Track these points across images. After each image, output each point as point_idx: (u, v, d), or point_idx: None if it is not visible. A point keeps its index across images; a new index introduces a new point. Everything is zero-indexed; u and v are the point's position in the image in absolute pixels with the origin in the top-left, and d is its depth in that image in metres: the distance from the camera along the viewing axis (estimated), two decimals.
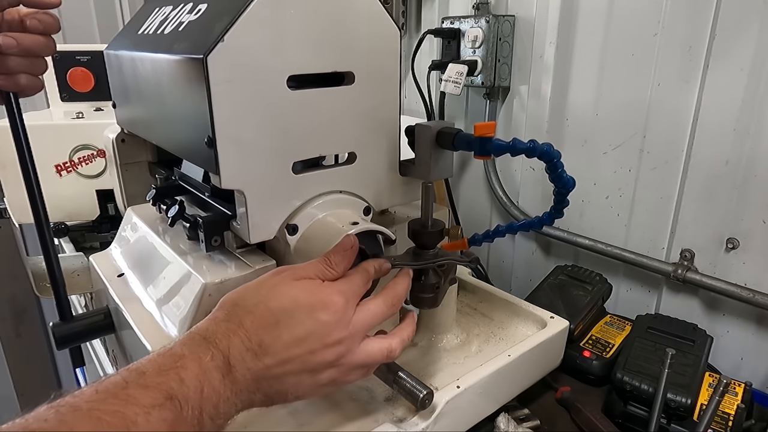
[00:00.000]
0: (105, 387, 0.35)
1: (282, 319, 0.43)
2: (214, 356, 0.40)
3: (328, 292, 0.46)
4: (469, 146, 0.58)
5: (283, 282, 0.46)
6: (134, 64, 0.68)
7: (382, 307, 0.49)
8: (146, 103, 0.69)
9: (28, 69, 0.59)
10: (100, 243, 1.18)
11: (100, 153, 1.09)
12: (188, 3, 0.62)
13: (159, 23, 0.66)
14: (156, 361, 0.38)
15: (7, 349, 1.97)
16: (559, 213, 0.62)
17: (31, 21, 0.56)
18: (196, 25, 0.56)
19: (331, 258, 0.49)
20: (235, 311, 0.44)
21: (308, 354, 0.44)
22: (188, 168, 0.73)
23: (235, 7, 0.50)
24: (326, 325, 0.44)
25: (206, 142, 0.52)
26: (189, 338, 0.41)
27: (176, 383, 0.37)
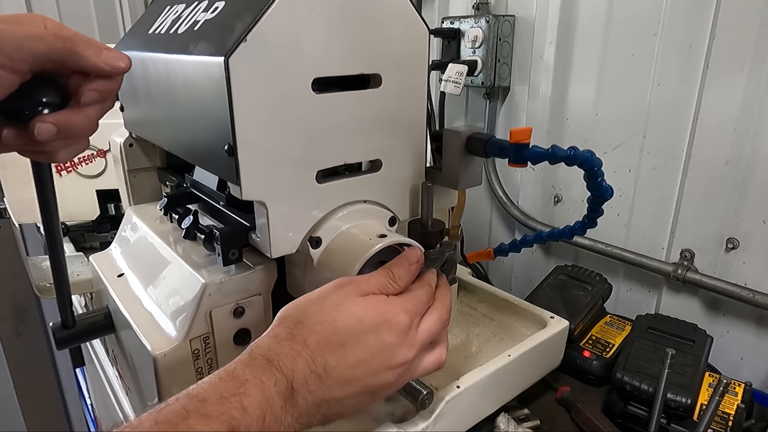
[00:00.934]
0: (165, 417, 0.34)
1: (348, 341, 0.42)
2: (278, 381, 0.38)
3: (394, 312, 0.44)
4: (503, 153, 0.55)
5: (348, 298, 0.44)
6: (145, 65, 0.64)
7: (438, 324, 0.48)
8: (158, 106, 0.66)
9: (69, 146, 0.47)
10: (100, 243, 1.18)
11: (100, 153, 1.09)
12: (203, 1, 0.59)
13: (171, 22, 0.63)
14: (217, 387, 0.36)
15: (7, 349, 1.97)
16: (593, 222, 0.59)
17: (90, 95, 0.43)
18: (214, 24, 0.53)
19: (395, 271, 0.47)
20: (299, 330, 0.41)
21: (371, 376, 0.43)
22: (201, 175, 0.70)
23: (258, 5, 0.47)
24: (390, 348, 0.43)
25: (226, 150, 0.48)
26: (251, 359, 0.39)
27: (239, 413, 0.35)
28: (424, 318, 0.47)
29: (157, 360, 0.54)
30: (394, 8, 0.54)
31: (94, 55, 0.42)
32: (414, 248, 0.49)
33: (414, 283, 0.49)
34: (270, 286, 0.59)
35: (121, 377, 0.77)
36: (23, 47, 0.39)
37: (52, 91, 0.42)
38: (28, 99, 0.41)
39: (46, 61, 0.41)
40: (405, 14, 0.55)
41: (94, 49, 0.42)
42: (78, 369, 1.38)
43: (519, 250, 0.65)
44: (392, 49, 0.55)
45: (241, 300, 0.57)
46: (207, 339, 0.56)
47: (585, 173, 0.54)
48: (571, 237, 0.64)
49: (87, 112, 0.44)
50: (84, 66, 0.42)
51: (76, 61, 0.41)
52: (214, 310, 0.56)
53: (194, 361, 0.56)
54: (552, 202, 1.05)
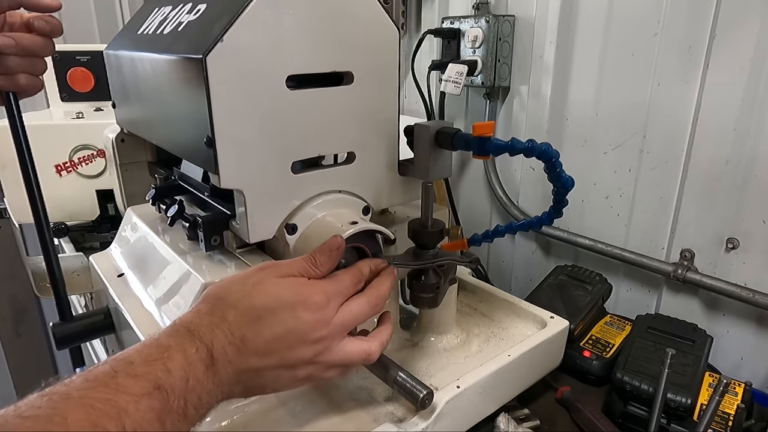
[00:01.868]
0: (94, 376, 0.36)
1: (264, 316, 0.44)
2: (199, 348, 0.40)
3: (311, 291, 0.46)
4: (468, 146, 0.58)
5: (267, 279, 0.46)
6: (134, 64, 0.68)
7: (365, 307, 0.49)
8: (146, 103, 0.69)
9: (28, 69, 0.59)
10: (100, 243, 1.19)
11: (100, 153, 1.09)
12: (188, 3, 0.62)
13: (158, 23, 0.66)
14: (143, 352, 0.39)
15: (7, 349, 1.97)
16: (558, 213, 0.62)
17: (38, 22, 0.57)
18: (196, 25, 0.56)
19: (317, 257, 0.49)
20: (219, 305, 0.44)
21: (287, 350, 0.45)
22: (188, 168, 0.73)
23: (234, 7, 0.50)
24: (306, 324, 0.45)
25: (205, 141, 0.52)
26: (174, 330, 0.42)
27: (163, 373, 0.38)
28: (349, 300, 0.49)
29: None
30: (365, 10, 0.58)
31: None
32: (336, 236, 0.51)
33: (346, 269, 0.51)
34: None
35: None
36: None
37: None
38: None
39: None
40: (375, 16, 0.59)
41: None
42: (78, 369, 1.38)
43: (492, 240, 0.67)
44: (363, 49, 0.59)
45: None
46: None
47: (544, 165, 0.56)
48: (540, 227, 0.67)
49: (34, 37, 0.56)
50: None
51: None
52: None
53: None
54: (551, 202, 1.05)
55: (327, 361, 0.47)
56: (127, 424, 0.34)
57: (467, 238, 0.66)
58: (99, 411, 0.33)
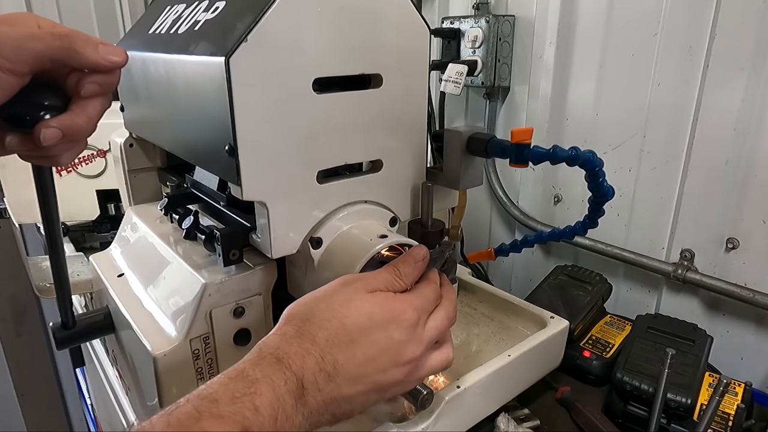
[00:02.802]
0: (177, 419, 0.33)
1: (356, 338, 0.42)
2: (288, 380, 0.38)
3: (403, 308, 0.44)
4: (504, 153, 0.55)
5: (356, 295, 0.44)
6: (145, 65, 0.64)
7: (446, 321, 0.48)
8: (158, 106, 0.66)
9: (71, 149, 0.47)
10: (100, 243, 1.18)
11: (100, 153, 1.08)
12: (204, 0, 0.59)
13: (172, 22, 0.63)
14: (228, 387, 0.36)
15: (7, 349, 1.97)
16: (594, 223, 0.59)
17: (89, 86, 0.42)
18: (215, 24, 0.53)
19: (401, 268, 0.47)
20: (307, 327, 0.41)
21: (380, 374, 0.42)
22: (201, 175, 0.70)
23: (259, 5, 0.47)
24: (399, 344, 0.43)
25: (227, 150, 0.48)
26: (259, 358, 0.39)
27: (251, 413, 0.35)
28: (432, 315, 0.47)
29: (157, 360, 0.54)
30: (395, 8, 0.54)
31: (92, 51, 0.41)
32: (420, 246, 0.49)
33: (419, 282, 0.48)
34: (270, 286, 0.59)
35: (121, 377, 0.77)
36: (22, 48, 0.39)
37: (53, 95, 0.42)
38: (30, 104, 0.41)
39: (45, 61, 0.40)
40: (406, 14, 0.55)
41: (92, 46, 0.42)
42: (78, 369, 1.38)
43: (520, 250, 0.65)
44: (393, 49, 0.55)
45: (241, 300, 0.57)
46: (207, 339, 0.56)
47: (586, 173, 0.54)
48: (572, 237, 0.64)
49: (88, 113, 0.43)
50: (82, 63, 0.41)
51: (74, 58, 0.41)
52: (214, 310, 0.56)
53: (194, 362, 0.56)
54: (552, 202, 1.05)
55: (416, 379, 0.46)
56: None
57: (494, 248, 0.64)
58: None
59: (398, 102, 0.58)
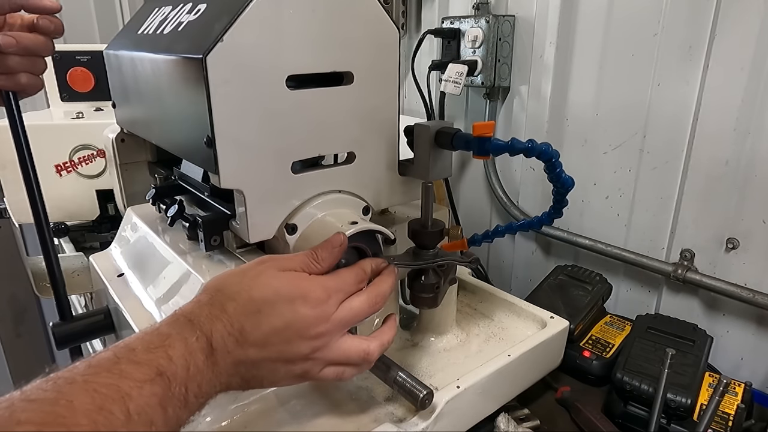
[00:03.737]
0: (97, 362, 0.36)
1: (263, 309, 0.44)
2: (199, 338, 0.41)
3: (310, 286, 0.46)
4: (468, 146, 0.58)
5: (267, 272, 0.46)
6: (134, 64, 0.68)
7: (365, 305, 0.49)
8: (146, 103, 0.69)
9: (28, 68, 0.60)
10: (100, 243, 1.19)
11: (100, 153, 1.09)
12: (188, 3, 0.62)
13: (158, 23, 0.66)
14: (144, 339, 0.39)
15: (7, 349, 1.97)
16: (558, 213, 0.62)
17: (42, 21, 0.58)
18: (196, 25, 0.56)
19: (318, 252, 0.49)
20: (218, 297, 0.44)
21: (285, 344, 0.45)
22: (188, 167, 0.73)
23: (235, 7, 0.50)
24: (305, 318, 0.45)
25: (205, 141, 0.52)
26: (174, 319, 0.42)
27: (165, 360, 0.38)
28: (350, 298, 0.49)
29: None
30: (365, 10, 0.58)
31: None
32: (339, 233, 0.52)
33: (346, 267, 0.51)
34: None
35: None
36: None
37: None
38: None
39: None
40: (375, 15, 0.59)
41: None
42: None
43: (492, 240, 0.68)
44: (363, 49, 0.59)
45: None
46: None
47: (544, 165, 0.56)
48: (540, 227, 0.67)
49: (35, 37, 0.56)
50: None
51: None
52: None
53: None
54: (551, 202, 1.05)
55: (324, 358, 0.47)
56: (131, 408, 0.34)
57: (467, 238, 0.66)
58: (103, 395, 0.34)
59: (370, 98, 0.61)
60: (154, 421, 0.35)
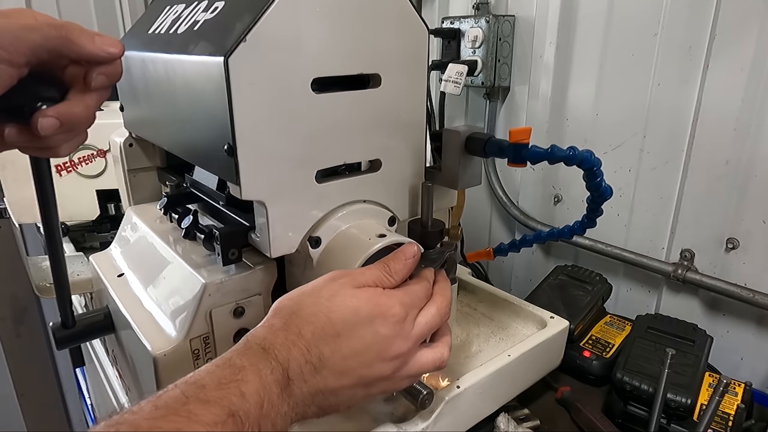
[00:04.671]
0: (164, 402, 0.34)
1: (342, 332, 0.42)
2: (274, 370, 0.38)
3: (389, 304, 0.44)
4: (502, 153, 0.55)
5: (343, 290, 0.44)
6: (145, 65, 0.64)
7: (437, 318, 0.48)
8: (158, 106, 0.66)
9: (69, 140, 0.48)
10: (100, 243, 1.18)
11: (100, 153, 1.09)
12: (203, 0, 0.59)
13: (171, 22, 0.63)
14: (215, 374, 0.37)
15: (7, 349, 1.97)
16: (592, 222, 0.59)
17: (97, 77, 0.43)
18: (214, 24, 0.53)
19: (390, 265, 0.47)
20: (294, 320, 0.42)
21: (365, 368, 0.43)
22: (200, 174, 0.70)
23: (257, 5, 0.47)
24: (386, 339, 0.43)
25: (226, 149, 0.48)
26: (246, 348, 0.39)
27: (237, 398, 0.35)
28: (422, 312, 0.47)
29: (157, 360, 0.54)
30: (394, 8, 0.54)
31: (88, 41, 0.42)
32: (411, 243, 0.50)
33: (411, 279, 0.49)
34: (270, 286, 0.59)
35: (121, 377, 0.77)
36: (19, 39, 0.39)
37: (50, 85, 0.43)
38: (28, 95, 0.41)
39: (43, 52, 0.40)
40: (404, 14, 0.55)
41: (87, 36, 0.42)
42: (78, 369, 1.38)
43: (518, 250, 0.65)
44: (392, 49, 0.55)
45: (241, 300, 0.57)
46: (207, 339, 0.56)
47: (584, 173, 0.54)
48: (571, 237, 0.64)
49: (86, 102, 0.44)
50: (79, 53, 0.42)
51: (71, 49, 0.41)
52: (214, 310, 0.56)
53: (194, 361, 0.56)
54: (552, 202, 1.05)
55: (404, 375, 0.46)
56: None
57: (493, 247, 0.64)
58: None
59: (397, 102, 0.58)
60: None
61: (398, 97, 0.58)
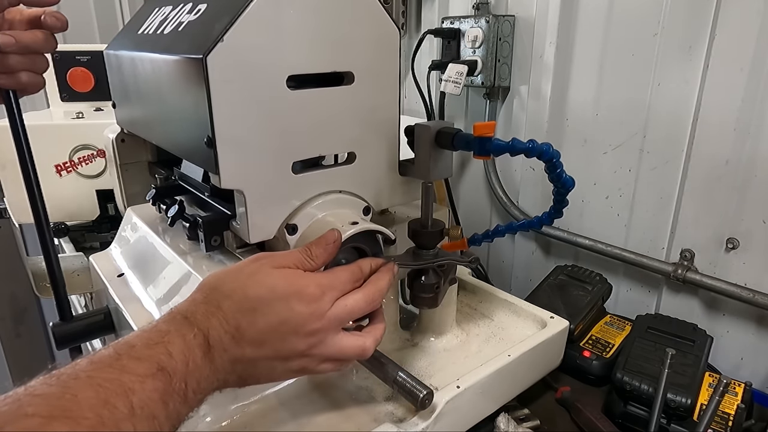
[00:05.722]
0: (99, 358, 0.37)
1: (258, 307, 0.44)
2: (197, 335, 0.41)
3: (305, 283, 0.46)
4: (468, 146, 0.58)
5: (262, 269, 0.47)
6: (134, 64, 0.68)
7: (361, 302, 0.49)
8: (146, 103, 0.69)
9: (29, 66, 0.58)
10: (100, 243, 1.19)
11: (100, 153, 1.09)
12: (188, 3, 0.62)
13: (159, 23, 0.66)
14: (143, 336, 0.40)
15: (7, 349, 1.97)
16: (559, 213, 0.62)
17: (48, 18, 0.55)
18: (196, 25, 0.56)
19: (312, 249, 0.50)
20: (214, 295, 0.45)
21: (281, 341, 0.45)
22: (188, 168, 0.73)
23: (235, 7, 0.50)
24: (300, 315, 0.45)
25: (206, 142, 0.52)
26: (171, 317, 0.42)
27: (165, 356, 0.38)
28: (347, 295, 0.49)
29: None
30: (366, 10, 0.58)
31: None
32: (333, 229, 0.52)
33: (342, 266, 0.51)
34: None
35: None
36: None
37: None
38: None
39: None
40: (375, 15, 0.59)
41: None
42: None
43: (492, 239, 0.68)
44: (364, 48, 0.59)
45: None
46: None
47: (545, 165, 0.56)
48: (540, 227, 0.66)
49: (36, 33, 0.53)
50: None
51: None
52: None
53: None
54: (551, 202, 1.05)
55: (321, 354, 0.47)
56: (134, 402, 0.35)
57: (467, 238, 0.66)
58: (107, 389, 0.34)
59: (370, 98, 0.61)
60: (156, 415, 0.36)
61: (371, 94, 0.61)
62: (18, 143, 0.62)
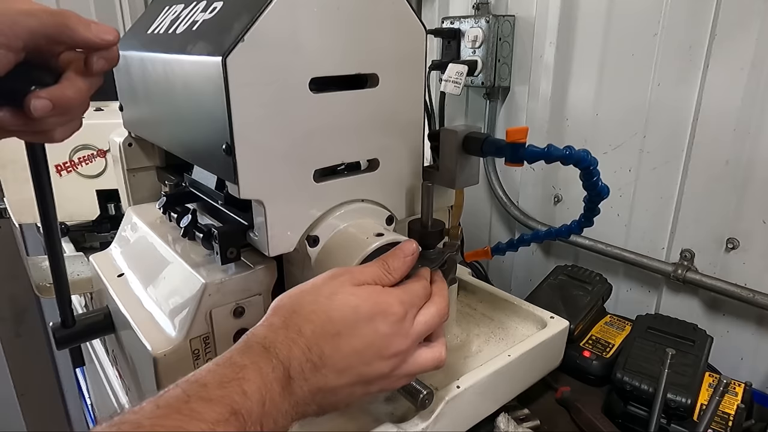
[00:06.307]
0: (166, 401, 0.34)
1: (342, 331, 0.42)
2: (275, 368, 0.38)
3: (389, 301, 0.44)
4: (499, 152, 0.55)
5: (342, 288, 0.44)
6: (144, 65, 0.65)
7: (436, 317, 0.48)
8: (157, 106, 0.66)
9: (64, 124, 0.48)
10: (100, 243, 1.18)
11: (100, 153, 1.08)
12: (202, 1, 0.60)
13: (170, 22, 0.63)
14: (216, 372, 0.36)
15: (7, 349, 1.97)
16: (589, 222, 0.59)
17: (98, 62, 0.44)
18: (212, 24, 0.53)
19: (390, 262, 0.47)
20: (294, 319, 0.42)
21: (365, 366, 0.43)
22: (199, 174, 0.70)
23: (255, 5, 0.47)
24: (385, 337, 0.43)
25: (224, 149, 0.49)
26: (247, 346, 0.39)
27: (239, 396, 0.35)
28: (421, 311, 0.47)
29: (158, 360, 0.54)
30: (392, 8, 0.55)
31: (85, 29, 0.43)
32: (410, 241, 0.50)
33: (409, 278, 0.49)
34: (270, 286, 0.59)
35: (121, 377, 0.77)
36: (18, 23, 0.40)
37: (44, 70, 0.44)
38: (23, 79, 0.42)
39: (39, 37, 0.41)
40: (402, 14, 0.56)
41: (84, 24, 0.43)
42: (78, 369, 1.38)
43: (516, 249, 0.65)
44: (389, 49, 0.56)
45: (241, 300, 0.57)
46: (207, 339, 0.56)
47: (581, 172, 0.54)
48: (568, 236, 0.64)
49: (78, 86, 0.44)
50: (75, 39, 0.42)
51: (67, 35, 0.42)
52: (214, 310, 0.56)
53: (194, 361, 0.56)
54: (552, 202, 1.05)
55: (402, 374, 0.46)
56: None
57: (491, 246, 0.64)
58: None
59: (395, 102, 0.58)
60: None
61: (396, 97, 0.58)
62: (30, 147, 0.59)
